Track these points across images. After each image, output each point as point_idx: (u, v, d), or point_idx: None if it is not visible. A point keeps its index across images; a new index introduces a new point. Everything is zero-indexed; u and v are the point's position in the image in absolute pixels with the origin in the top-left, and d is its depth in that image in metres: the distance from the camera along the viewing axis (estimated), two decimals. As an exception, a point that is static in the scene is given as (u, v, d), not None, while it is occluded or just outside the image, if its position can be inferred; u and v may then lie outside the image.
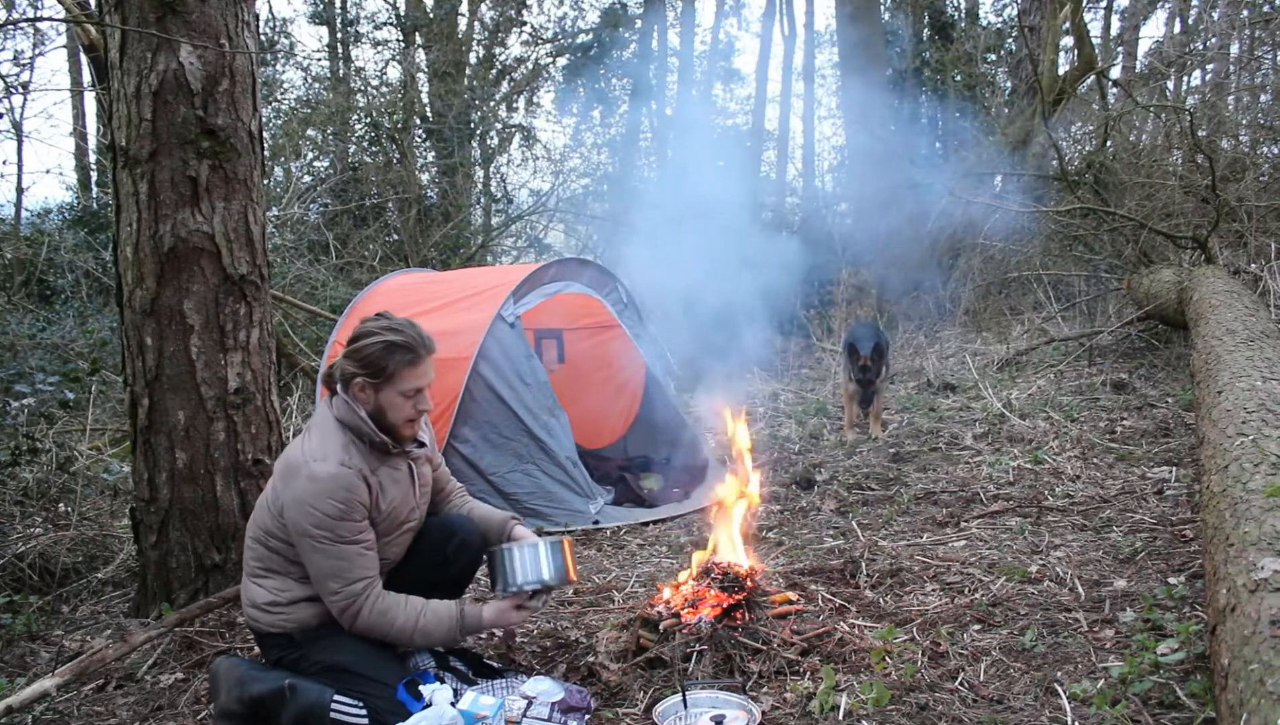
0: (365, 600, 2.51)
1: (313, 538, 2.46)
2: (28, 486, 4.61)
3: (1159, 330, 7.38)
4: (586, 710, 2.51)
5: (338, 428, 2.56)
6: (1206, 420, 3.57)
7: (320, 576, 2.50)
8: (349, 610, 2.51)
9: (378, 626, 2.53)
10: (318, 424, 2.62)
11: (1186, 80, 14.22)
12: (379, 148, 13.33)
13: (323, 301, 8.48)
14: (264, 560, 2.61)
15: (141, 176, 3.34)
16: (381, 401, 2.57)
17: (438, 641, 2.61)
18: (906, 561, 3.53)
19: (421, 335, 2.61)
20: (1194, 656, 2.43)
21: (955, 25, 17.58)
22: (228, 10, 3.42)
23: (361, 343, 2.57)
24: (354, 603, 2.50)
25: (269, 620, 2.59)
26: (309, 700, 2.44)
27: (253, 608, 2.62)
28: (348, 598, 2.50)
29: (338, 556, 2.47)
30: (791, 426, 6.67)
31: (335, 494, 2.46)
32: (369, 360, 2.55)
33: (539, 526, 4.57)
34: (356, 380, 2.56)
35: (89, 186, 12.57)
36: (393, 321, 2.61)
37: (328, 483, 2.46)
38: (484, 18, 16.53)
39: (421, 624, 2.55)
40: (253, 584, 2.63)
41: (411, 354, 2.57)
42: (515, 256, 13.23)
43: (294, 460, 2.53)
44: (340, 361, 2.61)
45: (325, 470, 2.47)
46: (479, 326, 4.72)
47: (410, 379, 2.57)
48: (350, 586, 2.49)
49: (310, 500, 2.45)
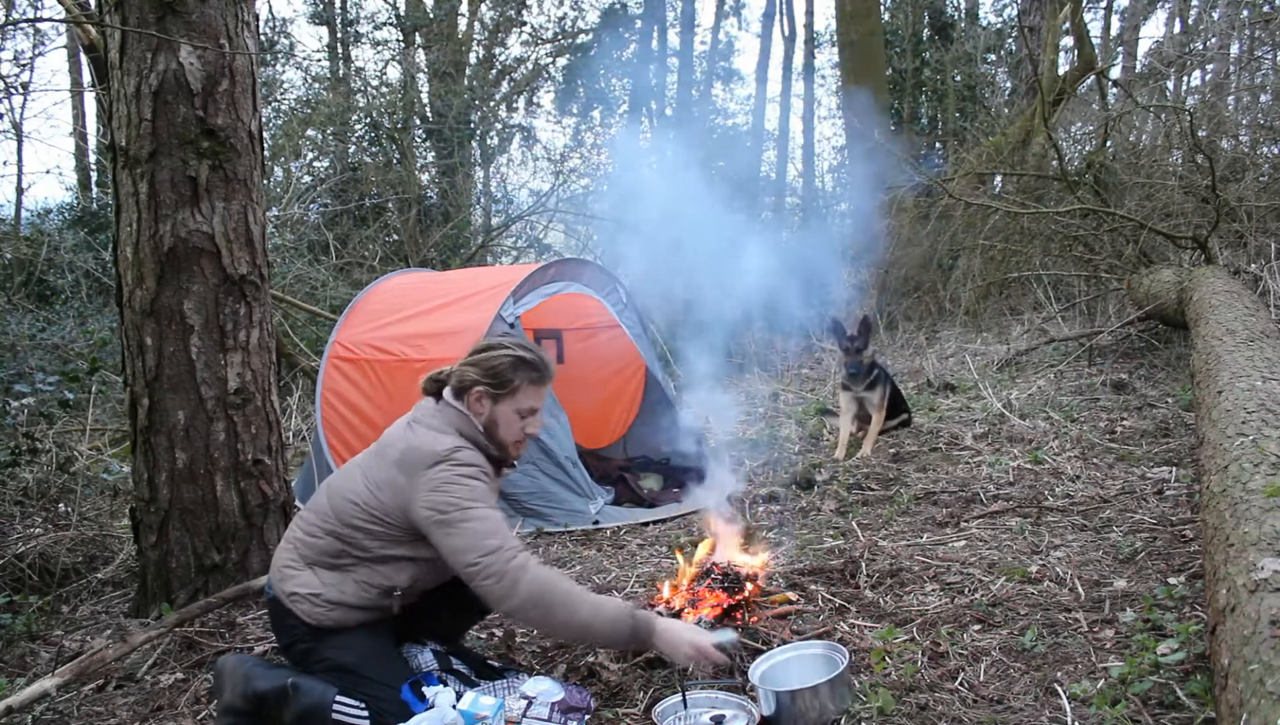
0: (524, 556, 2.38)
1: (463, 508, 2.40)
2: (28, 486, 4.61)
3: (1159, 330, 7.37)
4: (586, 710, 2.51)
5: (450, 427, 2.56)
6: (1206, 420, 3.57)
7: (474, 543, 2.37)
8: (514, 564, 2.34)
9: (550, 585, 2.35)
10: (429, 422, 2.57)
11: (1186, 80, 14.23)
12: (379, 148, 13.34)
13: (323, 301, 8.48)
14: (332, 553, 2.55)
15: (141, 176, 3.34)
16: (497, 415, 2.57)
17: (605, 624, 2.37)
18: (906, 561, 3.53)
19: (547, 360, 2.64)
20: (1194, 656, 2.43)
21: (955, 25, 17.59)
22: (228, 10, 3.42)
23: (490, 353, 2.58)
24: (517, 556, 2.37)
25: (307, 610, 2.53)
26: (311, 700, 2.43)
27: (298, 592, 2.55)
28: (512, 551, 2.37)
29: (485, 518, 2.41)
30: (791, 426, 6.67)
31: (475, 474, 2.47)
32: (496, 371, 2.56)
33: (539, 527, 4.58)
34: (476, 388, 2.56)
35: (89, 186, 12.58)
36: (520, 340, 2.66)
37: (468, 456, 2.48)
38: (484, 18, 16.54)
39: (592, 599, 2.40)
40: (308, 570, 2.57)
41: (537, 373, 2.60)
42: (515, 256, 13.24)
43: (418, 447, 2.49)
44: (461, 367, 2.60)
45: (465, 455, 2.48)
46: (479, 326, 4.72)
47: (530, 397, 2.60)
48: (504, 549, 2.37)
49: (452, 479, 2.43)
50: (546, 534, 4.54)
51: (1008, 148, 10.90)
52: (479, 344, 2.66)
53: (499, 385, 2.56)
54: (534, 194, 13.73)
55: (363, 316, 5.23)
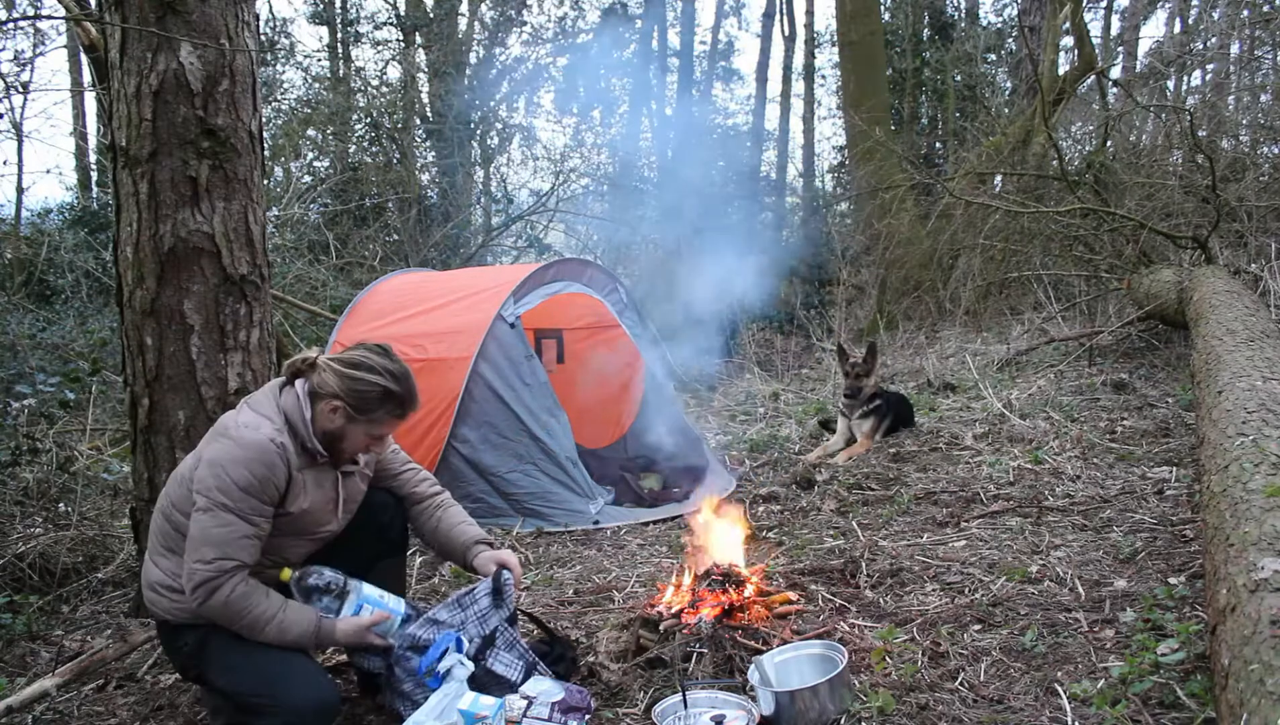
0: (230, 580, 2.36)
1: (210, 498, 2.35)
2: (28, 486, 4.60)
3: (1159, 330, 7.37)
4: (586, 710, 2.51)
5: (279, 414, 2.49)
6: (1206, 420, 3.57)
7: (198, 540, 2.36)
8: (209, 584, 2.35)
9: (231, 609, 2.37)
10: (258, 402, 2.53)
11: (1186, 80, 14.25)
12: (379, 148, 13.34)
13: (323, 301, 8.48)
14: (166, 537, 2.52)
15: (141, 176, 3.35)
16: (346, 431, 2.50)
17: (291, 641, 2.44)
18: (906, 561, 3.53)
19: (414, 394, 2.56)
20: (1194, 656, 2.43)
21: (955, 25, 17.59)
22: (228, 10, 3.42)
23: (361, 376, 2.47)
24: (218, 579, 2.35)
25: (165, 605, 2.49)
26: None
27: (149, 588, 2.52)
28: (215, 571, 2.35)
29: (226, 525, 2.35)
30: (791, 426, 6.68)
31: (252, 465, 2.37)
32: (361, 397, 2.47)
33: (539, 527, 4.58)
34: (334, 402, 2.47)
35: (89, 186, 12.59)
36: (395, 367, 2.53)
37: (250, 450, 2.38)
38: (484, 18, 16.55)
39: (280, 618, 2.42)
40: (151, 562, 2.54)
41: (401, 410, 2.53)
42: (515, 256, 13.24)
43: (224, 424, 2.48)
44: (327, 375, 2.49)
45: (252, 438, 2.39)
46: (479, 326, 4.72)
47: (387, 427, 2.54)
48: (223, 561, 2.35)
49: (225, 462, 2.37)
50: (546, 534, 4.53)
51: (1008, 148, 10.91)
52: (353, 356, 2.52)
53: (359, 410, 2.48)
54: (534, 194, 13.73)
55: (363, 316, 5.24)
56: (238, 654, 2.44)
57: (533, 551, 4.27)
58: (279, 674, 2.41)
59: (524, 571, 3.97)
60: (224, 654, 2.45)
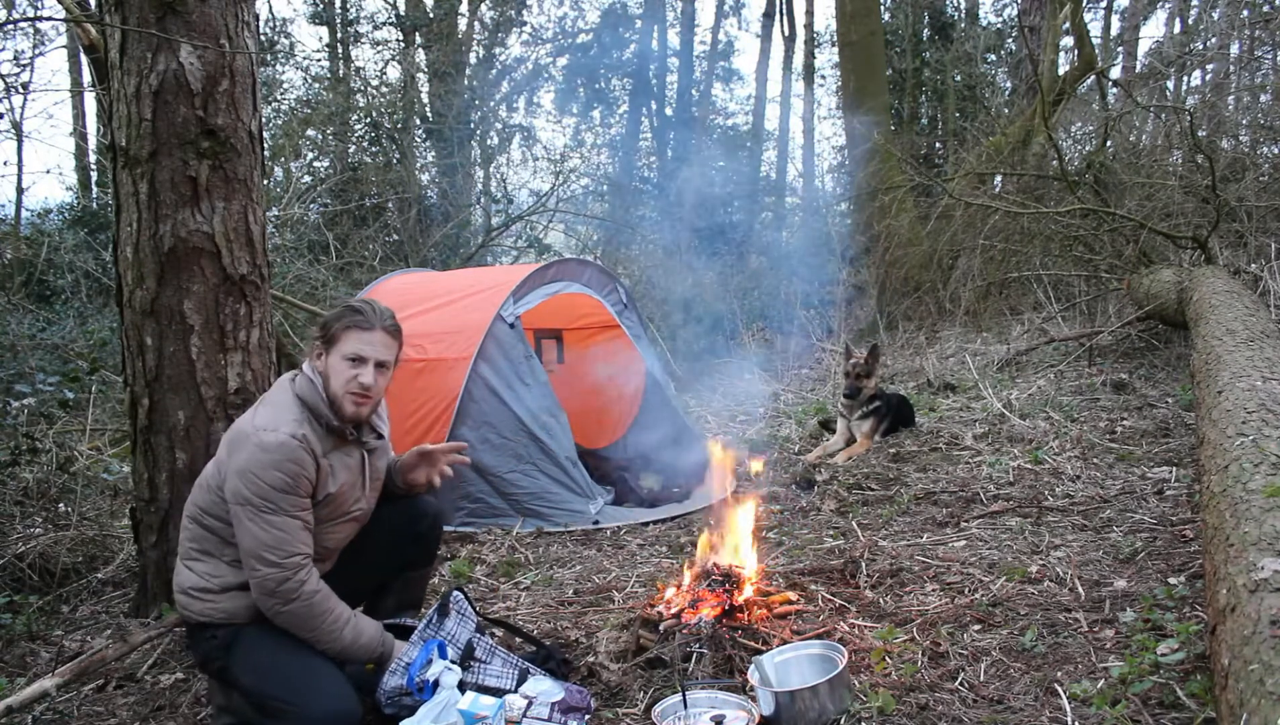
0: (302, 575, 2.42)
1: (254, 506, 2.39)
2: (28, 486, 4.60)
3: (1159, 330, 7.37)
4: (586, 710, 2.51)
5: (295, 403, 2.54)
6: (1206, 420, 3.57)
7: (255, 548, 2.39)
8: (284, 586, 2.39)
9: (313, 610, 2.43)
10: (272, 399, 2.59)
11: (1186, 80, 14.24)
12: (379, 148, 13.33)
13: (323, 301, 8.48)
14: (198, 541, 2.55)
15: (141, 176, 3.34)
16: (329, 368, 2.56)
17: (362, 650, 2.52)
18: (906, 561, 3.53)
19: (378, 308, 2.62)
20: (1194, 656, 2.43)
21: (955, 25, 17.58)
22: (228, 10, 3.41)
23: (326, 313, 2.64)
24: (290, 578, 2.40)
25: (198, 608, 2.52)
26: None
27: (182, 593, 2.55)
28: (286, 571, 2.39)
29: (279, 527, 2.40)
30: (791, 426, 6.67)
31: (282, 465, 2.40)
32: (324, 323, 2.61)
33: (539, 527, 4.57)
34: (315, 347, 2.61)
35: (89, 186, 12.59)
36: (359, 299, 2.68)
37: (276, 452, 2.41)
38: (484, 18, 16.55)
39: (355, 620, 2.50)
40: (184, 567, 2.57)
41: (359, 317, 2.57)
42: (515, 256, 13.24)
43: (243, 429, 2.49)
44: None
45: (274, 439, 2.42)
46: (479, 326, 4.72)
47: (353, 342, 2.55)
48: (290, 559, 2.40)
49: (255, 469, 2.39)
50: (546, 534, 4.53)
51: (1008, 148, 10.90)
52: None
53: (326, 339, 2.57)
54: (534, 194, 13.73)
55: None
56: (266, 655, 2.46)
57: (533, 551, 4.27)
58: (305, 682, 2.42)
59: (524, 572, 3.97)
60: (252, 652, 2.48)
